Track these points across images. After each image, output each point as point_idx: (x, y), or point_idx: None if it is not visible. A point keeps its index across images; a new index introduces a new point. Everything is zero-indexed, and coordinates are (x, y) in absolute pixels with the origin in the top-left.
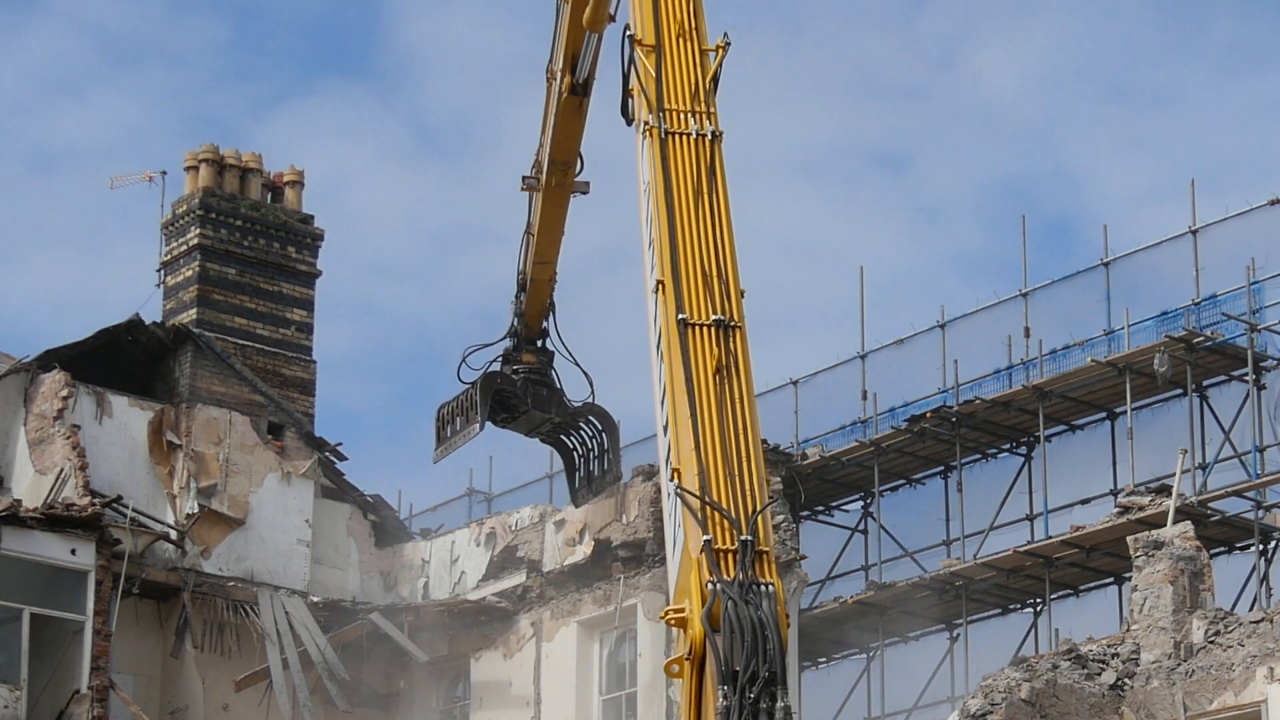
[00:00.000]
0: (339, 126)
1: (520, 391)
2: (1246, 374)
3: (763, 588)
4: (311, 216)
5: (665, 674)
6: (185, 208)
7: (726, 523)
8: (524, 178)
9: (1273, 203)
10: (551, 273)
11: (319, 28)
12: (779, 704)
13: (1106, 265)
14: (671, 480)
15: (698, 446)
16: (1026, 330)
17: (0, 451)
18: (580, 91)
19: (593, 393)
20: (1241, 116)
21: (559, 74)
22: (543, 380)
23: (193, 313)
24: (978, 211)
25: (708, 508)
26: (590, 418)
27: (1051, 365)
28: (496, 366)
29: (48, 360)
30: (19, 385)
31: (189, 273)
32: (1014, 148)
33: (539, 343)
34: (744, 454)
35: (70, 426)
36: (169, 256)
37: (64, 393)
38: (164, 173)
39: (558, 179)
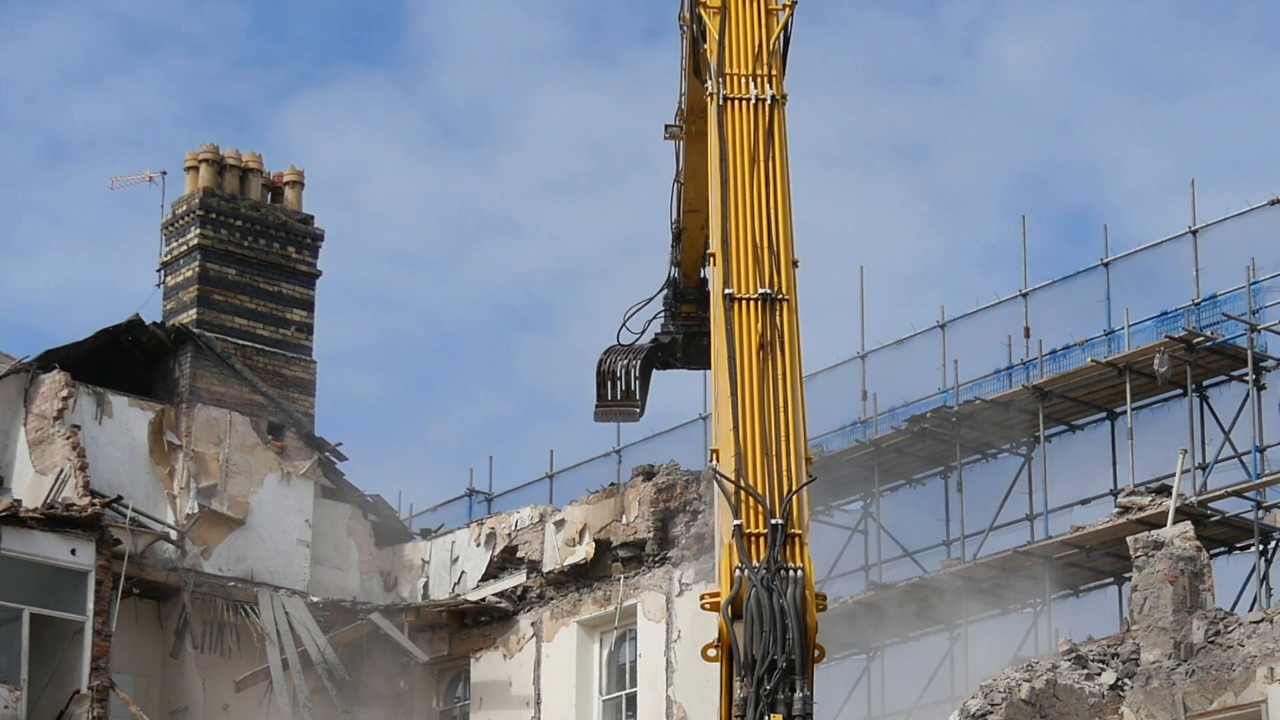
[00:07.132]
0: (356, 115)
1: (680, 352)
2: (1246, 374)
3: (789, 573)
4: (311, 217)
5: (702, 657)
6: (185, 208)
7: (760, 506)
8: (666, 126)
9: (1273, 203)
10: (704, 220)
11: (338, 15)
12: (797, 694)
13: (1106, 265)
14: (711, 461)
15: (736, 427)
16: (1026, 330)
17: (0, 451)
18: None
19: None
20: (1268, 105)
21: (690, 21)
22: (701, 330)
23: (193, 313)
24: (998, 202)
25: (740, 491)
26: None
27: (1051, 365)
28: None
29: (48, 360)
30: (19, 385)
31: (189, 273)
32: (1035, 137)
33: (697, 292)
34: (784, 434)
35: (70, 426)
36: (169, 256)
37: (64, 393)
38: (164, 173)
39: (697, 125)
